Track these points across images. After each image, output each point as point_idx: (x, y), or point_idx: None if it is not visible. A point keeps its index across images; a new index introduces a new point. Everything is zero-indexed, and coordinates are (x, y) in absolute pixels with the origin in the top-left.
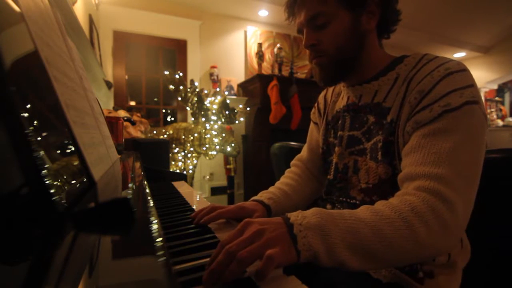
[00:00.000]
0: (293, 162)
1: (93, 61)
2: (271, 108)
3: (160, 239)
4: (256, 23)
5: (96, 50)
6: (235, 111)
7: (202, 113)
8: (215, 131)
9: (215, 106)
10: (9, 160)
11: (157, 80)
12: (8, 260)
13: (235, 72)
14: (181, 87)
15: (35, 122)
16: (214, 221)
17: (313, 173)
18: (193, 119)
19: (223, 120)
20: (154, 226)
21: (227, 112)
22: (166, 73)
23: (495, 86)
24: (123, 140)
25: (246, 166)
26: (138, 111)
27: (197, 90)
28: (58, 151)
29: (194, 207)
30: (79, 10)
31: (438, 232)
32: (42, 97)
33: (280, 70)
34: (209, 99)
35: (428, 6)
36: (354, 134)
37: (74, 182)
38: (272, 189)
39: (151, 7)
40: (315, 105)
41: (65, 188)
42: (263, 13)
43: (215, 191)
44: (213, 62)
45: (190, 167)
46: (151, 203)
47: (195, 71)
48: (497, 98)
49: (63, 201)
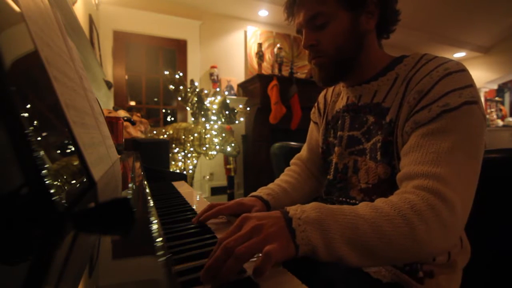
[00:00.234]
0: (292, 161)
1: (93, 61)
2: (271, 108)
3: (160, 239)
4: (256, 23)
5: (96, 50)
6: (235, 111)
7: (202, 113)
8: (215, 131)
9: (215, 106)
10: (9, 160)
11: (157, 80)
12: (8, 260)
13: (235, 72)
14: (181, 87)
15: (35, 122)
16: (213, 217)
17: (312, 172)
18: (193, 119)
19: (223, 120)
20: (154, 226)
21: (227, 112)
22: (166, 73)
23: (495, 86)
24: (123, 140)
25: (246, 166)
26: (138, 111)
27: (197, 90)
28: (58, 151)
29: (194, 207)
30: (79, 10)
31: (437, 231)
32: (42, 97)
33: (280, 70)
34: (209, 99)
35: (428, 6)
36: (354, 134)
37: (74, 182)
38: (271, 185)
39: (151, 7)
40: (315, 105)
41: (65, 188)
42: (263, 13)
43: (215, 191)
44: (213, 62)
45: (190, 167)
46: (151, 203)
47: (195, 71)
48: (497, 98)
49: (63, 201)
